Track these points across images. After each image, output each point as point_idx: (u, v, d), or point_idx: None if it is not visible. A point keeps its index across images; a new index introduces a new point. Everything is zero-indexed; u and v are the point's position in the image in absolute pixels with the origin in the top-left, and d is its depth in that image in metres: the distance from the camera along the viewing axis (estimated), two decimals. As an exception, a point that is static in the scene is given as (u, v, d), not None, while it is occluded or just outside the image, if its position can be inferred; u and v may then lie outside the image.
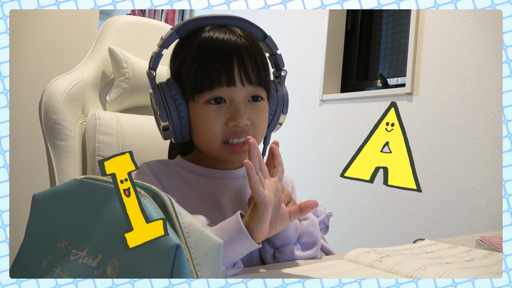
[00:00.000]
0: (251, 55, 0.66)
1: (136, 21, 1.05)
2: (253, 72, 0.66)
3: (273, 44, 0.73)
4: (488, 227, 1.51)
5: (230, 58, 0.64)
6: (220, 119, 0.65)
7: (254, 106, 0.67)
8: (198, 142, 0.70)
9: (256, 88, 0.67)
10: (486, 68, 1.55)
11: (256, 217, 0.56)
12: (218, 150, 0.67)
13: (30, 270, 0.43)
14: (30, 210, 0.46)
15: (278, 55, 0.74)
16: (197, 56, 0.65)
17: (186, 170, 0.72)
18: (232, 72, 0.64)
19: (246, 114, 0.65)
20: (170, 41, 0.68)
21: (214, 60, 0.64)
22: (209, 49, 0.64)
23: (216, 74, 0.63)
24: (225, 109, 0.65)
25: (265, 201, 0.55)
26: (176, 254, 0.33)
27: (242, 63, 0.65)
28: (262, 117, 0.69)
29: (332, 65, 2.30)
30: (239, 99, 0.65)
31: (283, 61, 0.75)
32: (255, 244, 0.56)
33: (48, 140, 0.83)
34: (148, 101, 1.01)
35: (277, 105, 0.73)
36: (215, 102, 0.65)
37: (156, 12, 3.94)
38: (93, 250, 0.38)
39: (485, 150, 1.54)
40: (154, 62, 0.68)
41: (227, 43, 0.64)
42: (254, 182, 0.55)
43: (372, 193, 1.97)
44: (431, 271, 0.57)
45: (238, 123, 0.64)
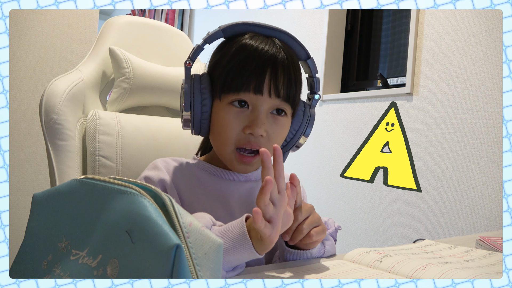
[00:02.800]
0: (285, 70, 0.66)
1: (137, 21, 1.05)
2: (283, 86, 0.66)
3: (314, 66, 0.73)
4: (488, 227, 1.51)
5: (264, 67, 0.64)
6: (239, 124, 0.66)
7: (275, 120, 0.67)
8: (213, 141, 0.71)
9: (282, 102, 0.67)
10: (486, 68, 1.55)
11: (262, 246, 0.54)
12: (228, 155, 0.67)
13: (30, 270, 0.43)
14: (30, 210, 0.46)
15: (316, 79, 0.74)
16: (233, 58, 0.66)
17: (199, 168, 0.73)
18: (263, 81, 0.64)
19: (265, 125, 0.65)
20: (214, 38, 0.69)
21: (248, 65, 0.65)
22: (246, 54, 0.65)
23: (247, 79, 0.64)
24: (246, 114, 0.66)
25: (271, 237, 0.53)
26: (176, 254, 0.33)
27: (274, 75, 0.65)
28: (279, 133, 0.68)
29: (332, 65, 2.30)
30: (262, 109, 0.65)
31: (319, 85, 0.75)
32: (257, 254, 0.54)
33: (48, 140, 0.83)
34: (148, 101, 1.01)
35: (301, 126, 0.73)
36: (239, 105, 0.66)
37: (156, 12, 3.94)
38: (93, 250, 0.38)
39: (485, 150, 1.54)
40: (193, 54, 0.68)
41: (265, 52, 0.65)
42: (257, 223, 0.51)
43: (372, 193, 1.97)
44: (431, 271, 0.57)
45: (254, 131, 0.64)
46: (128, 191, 0.38)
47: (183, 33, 1.13)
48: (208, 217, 0.60)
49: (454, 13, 1.67)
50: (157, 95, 1.00)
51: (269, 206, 0.54)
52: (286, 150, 0.75)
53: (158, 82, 0.98)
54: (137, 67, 0.96)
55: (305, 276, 0.57)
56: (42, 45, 1.69)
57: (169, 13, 3.88)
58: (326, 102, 2.27)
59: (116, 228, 0.37)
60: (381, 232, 1.91)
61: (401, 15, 2.12)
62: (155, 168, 0.71)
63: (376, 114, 1.98)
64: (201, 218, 0.59)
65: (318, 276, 0.57)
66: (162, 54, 1.08)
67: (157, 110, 1.06)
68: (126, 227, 0.36)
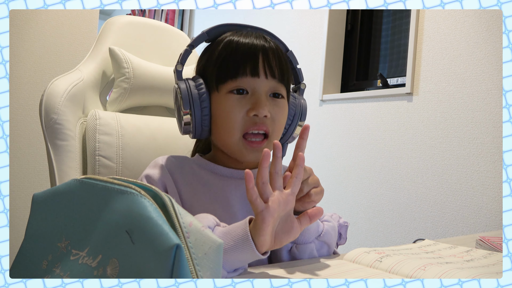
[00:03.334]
0: (275, 54, 0.69)
1: (137, 21, 1.05)
2: (276, 67, 0.68)
3: (294, 58, 0.76)
4: (488, 227, 1.51)
5: (255, 51, 0.67)
6: (242, 109, 0.67)
7: (274, 102, 0.69)
8: (217, 135, 0.70)
9: (278, 84, 0.69)
10: (486, 68, 1.55)
11: (255, 229, 0.54)
12: (236, 144, 0.68)
13: (30, 270, 0.43)
14: (30, 210, 0.46)
15: (298, 69, 0.77)
16: (223, 51, 0.68)
17: (201, 167, 0.73)
18: (257, 63, 0.67)
19: (267, 106, 0.67)
20: (199, 41, 0.72)
21: (240, 51, 0.67)
22: (235, 45, 0.68)
23: (241, 64, 0.66)
24: (247, 99, 0.67)
25: (263, 213, 0.53)
26: (176, 254, 0.33)
27: (266, 58, 0.68)
28: (281, 114, 0.70)
29: (332, 65, 2.30)
30: (261, 90, 0.67)
31: (302, 75, 0.78)
32: (259, 255, 0.54)
33: (48, 140, 0.83)
34: (148, 101, 1.01)
35: (295, 114, 0.75)
36: (238, 92, 0.67)
37: (156, 12, 3.95)
38: (93, 250, 0.38)
39: (485, 150, 1.54)
40: (182, 58, 0.71)
41: (253, 40, 0.68)
42: (250, 194, 0.53)
43: (372, 193, 1.97)
44: (431, 271, 0.57)
45: (259, 112, 0.66)
46: (128, 191, 0.38)
47: (183, 33, 1.13)
48: (212, 217, 0.59)
49: (454, 13, 1.67)
50: (157, 95, 1.00)
51: (266, 185, 0.55)
52: (284, 141, 0.77)
53: (158, 82, 0.98)
54: (137, 67, 0.96)
55: (304, 276, 0.57)
56: (42, 45, 1.69)
57: (169, 13, 3.88)
58: (326, 102, 2.27)
59: (116, 228, 0.37)
60: (381, 232, 1.91)
61: (401, 15, 2.12)
62: (156, 166, 0.71)
63: (376, 114, 1.98)
64: (204, 219, 0.58)
65: (318, 276, 0.57)
66: (162, 54, 1.08)
67: (157, 110, 1.06)
68: (126, 227, 0.36)
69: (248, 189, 0.53)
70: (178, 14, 3.88)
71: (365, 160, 2.02)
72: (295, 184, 0.57)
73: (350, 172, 2.09)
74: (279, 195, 0.55)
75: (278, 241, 0.56)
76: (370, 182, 1.98)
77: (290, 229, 0.57)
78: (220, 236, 0.55)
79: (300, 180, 0.58)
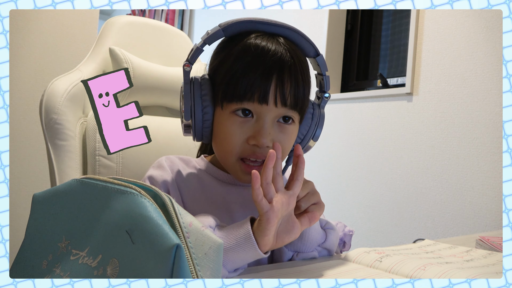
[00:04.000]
0: (292, 75, 0.61)
1: (137, 21, 1.05)
2: (291, 93, 0.61)
3: (323, 63, 0.68)
4: (488, 227, 1.51)
5: (269, 74, 0.60)
6: (243, 134, 0.62)
7: (281, 129, 0.64)
8: (216, 150, 0.68)
9: (289, 110, 0.63)
10: (486, 68, 1.55)
11: (259, 229, 0.54)
12: (232, 165, 0.65)
13: (30, 270, 0.43)
14: (30, 210, 0.46)
15: (326, 77, 0.68)
16: (236, 62, 0.61)
17: (204, 170, 0.71)
18: (268, 90, 0.60)
19: (271, 135, 0.62)
20: (215, 38, 0.64)
21: (252, 72, 0.60)
22: (250, 58, 0.60)
23: (250, 88, 0.60)
24: (250, 124, 0.62)
25: (268, 214, 0.53)
26: (176, 254, 0.33)
27: (280, 82, 0.60)
28: (287, 141, 0.65)
29: (332, 65, 2.30)
30: (268, 118, 0.61)
31: (329, 83, 0.69)
32: (261, 253, 0.54)
33: (48, 140, 0.83)
34: (148, 101, 1.01)
35: (309, 130, 0.69)
36: (243, 114, 0.62)
37: (156, 12, 3.95)
38: (93, 250, 0.38)
39: (485, 150, 1.54)
40: (192, 56, 0.64)
41: (270, 56, 0.60)
42: (256, 194, 0.53)
43: (372, 193, 1.97)
44: (431, 271, 0.57)
45: (260, 142, 0.61)
46: (128, 191, 0.38)
47: (183, 33, 1.13)
48: (213, 218, 0.59)
49: (454, 13, 1.67)
50: (158, 95, 1.00)
51: (270, 186, 0.54)
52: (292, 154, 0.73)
53: (158, 82, 0.98)
54: (137, 67, 0.96)
55: (304, 276, 0.57)
56: (42, 45, 1.69)
57: (169, 13, 3.88)
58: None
59: (116, 228, 0.37)
60: (381, 232, 1.91)
61: (401, 15, 2.12)
62: (160, 167, 0.69)
63: (376, 114, 1.98)
64: (205, 219, 0.58)
65: (318, 276, 0.57)
66: (162, 54, 1.08)
67: (158, 110, 1.06)
68: (126, 227, 0.36)
69: (254, 189, 0.53)
70: (178, 14, 3.88)
71: (365, 160, 2.02)
72: (296, 185, 0.57)
73: (350, 172, 2.09)
74: (282, 195, 0.56)
75: (280, 241, 0.57)
76: (370, 182, 1.98)
77: (291, 229, 0.57)
78: (222, 236, 0.55)
79: (301, 181, 0.58)
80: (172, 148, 0.93)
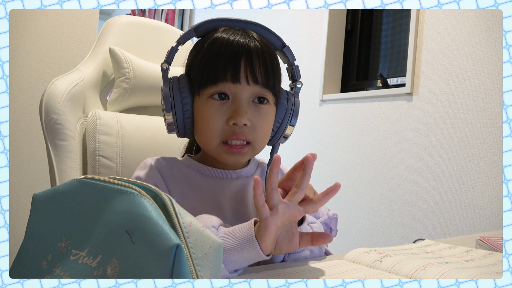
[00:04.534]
0: (260, 57, 0.65)
1: (137, 22, 1.05)
2: (260, 72, 0.65)
3: (291, 54, 0.72)
4: (488, 227, 1.51)
5: (238, 56, 0.64)
6: (222, 117, 0.65)
7: (257, 108, 0.67)
8: (198, 138, 0.70)
9: (262, 89, 0.66)
10: (486, 68, 1.55)
11: (258, 234, 0.55)
12: (215, 149, 0.67)
13: (30, 270, 0.43)
14: (30, 210, 0.46)
15: (295, 66, 0.73)
16: (207, 52, 0.65)
17: (189, 168, 0.72)
18: (238, 68, 0.64)
19: (248, 114, 0.65)
20: (187, 38, 0.69)
21: (222, 55, 0.64)
22: (219, 47, 0.65)
23: (222, 69, 0.64)
24: (227, 106, 0.65)
25: (267, 221, 0.54)
26: (176, 254, 0.33)
27: (249, 62, 0.64)
28: (264, 121, 0.67)
29: (332, 65, 2.30)
30: (243, 97, 0.65)
31: (299, 72, 0.73)
32: (263, 255, 0.55)
33: (48, 140, 0.83)
34: (148, 101, 1.01)
35: (286, 115, 0.72)
36: (219, 98, 0.65)
37: (156, 12, 3.95)
38: (93, 250, 0.38)
39: (485, 150, 1.54)
40: (168, 56, 0.69)
41: (238, 43, 0.65)
42: (258, 200, 0.53)
43: (372, 193, 1.97)
44: (431, 271, 0.57)
45: (238, 121, 0.63)
46: (128, 191, 0.38)
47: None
48: (216, 218, 0.59)
49: (454, 13, 1.67)
50: (157, 95, 1.00)
51: (275, 192, 0.55)
52: (274, 141, 0.74)
53: (158, 82, 0.99)
54: (137, 67, 0.96)
55: (304, 276, 0.57)
56: (42, 45, 1.69)
57: (169, 13, 3.88)
58: (326, 102, 2.27)
59: (116, 228, 0.37)
60: (381, 232, 1.91)
61: (401, 15, 2.12)
62: (146, 167, 0.70)
63: (376, 114, 1.98)
64: (208, 219, 0.58)
65: (318, 276, 0.57)
66: (163, 54, 1.07)
67: (158, 110, 1.06)
68: (126, 227, 0.36)
69: (256, 195, 0.53)
70: (178, 14, 3.88)
71: (365, 160, 2.02)
72: (298, 194, 0.57)
73: (350, 172, 2.09)
74: (286, 205, 0.56)
75: (278, 249, 0.58)
76: (370, 182, 1.98)
77: (291, 240, 0.58)
78: (225, 236, 0.55)
79: (305, 190, 0.58)
80: (171, 148, 0.93)
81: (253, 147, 0.68)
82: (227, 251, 0.54)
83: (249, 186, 0.73)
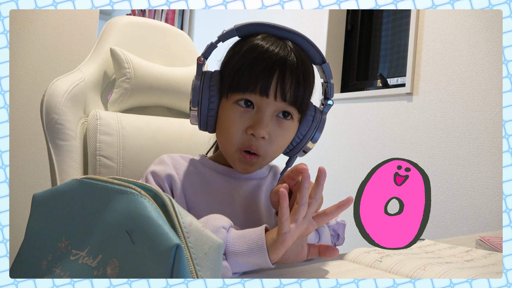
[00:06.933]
0: (294, 73, 0.65)
1: (138, 22, 1.05)
2: (290, 89, 0.65)
3: (329, 71, 0.71)
4: (488, 227, 1.51)
5: (272, 70, 0.64)
6: (242, 124, 0.65)
7: (279, 123, 0.67)
8: (219, 138, 0.71)
9: (288, 106, 0.66)
10: (486, 68, 1.55)
11: (272, 245, 0.54)
12: (232, 154, 0.68)
13: (30, 270, 0.43)
14: (30, 210, 0.46)
15: (331, 84, 0.72)
16: (243, 58, 0.66)
17: (204, 165, 0.74)
18: (270, 83, 0.64)
19: (268, 128, 0.65)
20: (228, 36, 0.69)
21: (256, 66, 0.64)
22: (256, 55, 0.65)
23: (253, 80, 0.64)
24: (250, 115, 0.65)
25: (285, 235, 0.53)
26: (176, 254, 0.33)
27: (282, 78, 0.64)
28: (283, 136, 0.67)
29: (332, 65, 2.30)
30: (267, 110, 0.65)
31: (333, 91, 0.73)
32: (269, 263, 0.54)
33: (49, 140, 0.83)
34: (149, 101, 1.01)
35: (308, 131, 0.71)
36: (245, 105, 0.65)
37: (156, 12, 3.94)
38: (93, 250, 0.38)
39: (485, 150, 1.54)
40: (206, 51, 0.69)
41: (275, 54, 0.64)
42: (283, 213, 0.53)
43: (372, 193, 1.96)
44: (431, 271, 0.57)
45: (257, 133, 0.64)
46: (128, 191, 0.38)
47: (184, 33, 1.13)
48: (226, 219, 0.59)
49: (454, 13, 1.67)
50: (158, 95, 1.00)
51: (304, 207, 0.55)
52: (292, 154, 0.74)
53: (159, 82, 0.99)
54: (138, 67, 0.96)
55: (305, 276, 0.57)
56: (42, 45, 1.69)
57: (169, 13, 3.88)
58: (326, 102, 2.27)
59: (116, 228, 0.37)
60: (381, 232, 1.91)
61: (401, 15, 2.12)
62: (162, 163, 0.71)
63: (376, 114, 1.98)
64: (219, 220, 0.58)
65: (319, 276, 0.57)
66: (163, 54, 1.08)
67: (158, 110, 1.06)
68: (126, 227, 0.36)
69: (282, 207, 0.53)
70: (178, 14, 3.88)
71: (365, 160, 2.02)
72: (313, 206, 0.57)
73: (350, 172, 2.09)
74: (304, 219, 0.56)
75: (285, 259, 0.58)
76: (370, 182, 1.98)
77: (300, 252, 0.59)
78: (235, 238, 0.56)
79: (318, 201, 0.58)
80: (172, 148, 0.93)
81: (263, 158, 0.68)
82: (235, 254, 0.54)
83: (261, 187, 0.74)
